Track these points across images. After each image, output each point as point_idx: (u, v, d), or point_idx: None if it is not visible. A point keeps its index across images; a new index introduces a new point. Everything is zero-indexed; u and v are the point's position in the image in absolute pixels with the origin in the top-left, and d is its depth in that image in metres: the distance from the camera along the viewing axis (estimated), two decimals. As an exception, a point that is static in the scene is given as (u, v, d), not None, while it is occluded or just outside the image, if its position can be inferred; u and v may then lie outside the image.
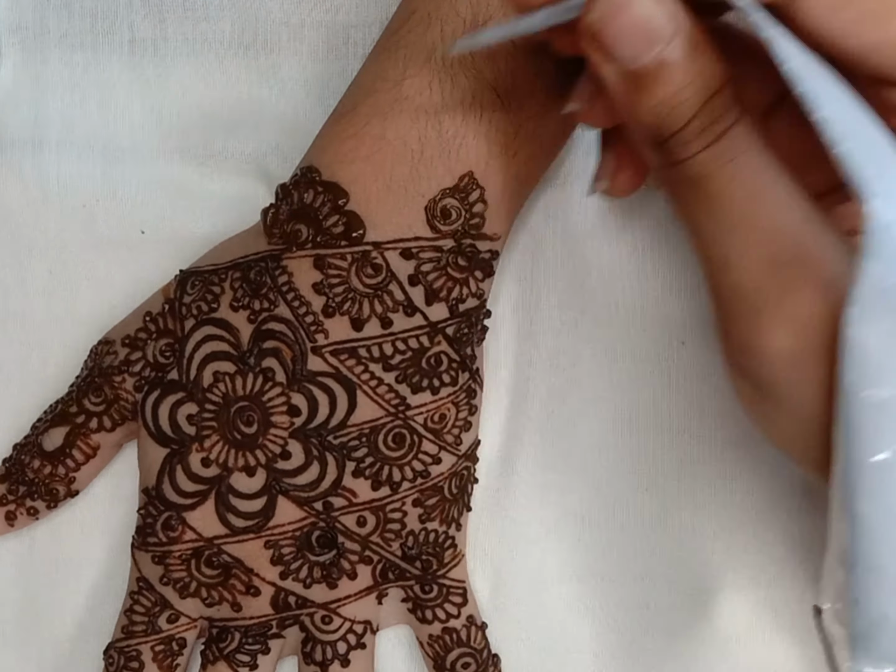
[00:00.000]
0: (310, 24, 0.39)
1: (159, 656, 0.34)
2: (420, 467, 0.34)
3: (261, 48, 0.39)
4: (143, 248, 0.38)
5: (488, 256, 0.34)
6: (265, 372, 0.33)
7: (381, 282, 0.32)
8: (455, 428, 0.34)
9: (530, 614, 0.37)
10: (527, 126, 0.33)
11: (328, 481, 0.33)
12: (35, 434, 0.36)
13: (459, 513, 0.35)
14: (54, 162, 0.38)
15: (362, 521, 0.34)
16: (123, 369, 0.35)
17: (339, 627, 0.34)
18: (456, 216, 0.33)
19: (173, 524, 0.34)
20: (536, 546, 0.37)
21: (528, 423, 0.37)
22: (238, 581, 0.34)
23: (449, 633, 0.35)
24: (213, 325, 0.34)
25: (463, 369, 0.34)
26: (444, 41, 0.32)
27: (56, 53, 0.39)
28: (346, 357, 0.33)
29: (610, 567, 0.37)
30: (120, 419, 0.35)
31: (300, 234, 0.33)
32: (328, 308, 0.32)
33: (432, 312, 0.33)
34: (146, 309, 0.35)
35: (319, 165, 0.33)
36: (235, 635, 0.34)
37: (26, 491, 0.35)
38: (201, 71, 0.39)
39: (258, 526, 0.33)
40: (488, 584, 0.37)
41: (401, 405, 0.33)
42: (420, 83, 0.32)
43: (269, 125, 0.38)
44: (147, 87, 0.39)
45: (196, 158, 0.39)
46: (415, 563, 0.34)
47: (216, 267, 0.34)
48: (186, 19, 0.39)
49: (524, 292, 0.37)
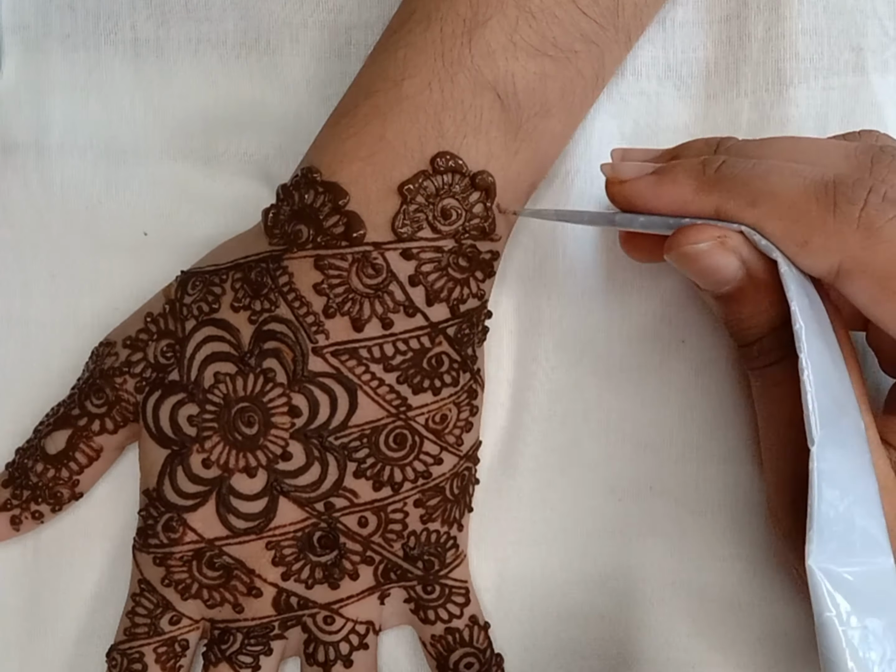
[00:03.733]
0: (312, 25, 0.38)
1: (162, 658, 0.34)
2: (421, 468, 0.34)
3: (263, 49, 0.39)
4: (145, 250, 0.38)
5: (489, 257, 0.33)
6: (266, 373, 0.33)
7: (381, 282, 0.32)
8: (456, 428, 0.34)
9: (533, 614, 0.37)
10: (527, 126, 0.33)
11: (329, 482, 0.33)
12: (38, 437, 0.36)
13: (461, 513, 0.35)
14: (57, 163, 0.38)
15: (364, 521, 0.34)
16: (124, 370, 0.35)
17: (342, 628, 0.34)
18: (456, 216, 0.32)
19: (174, 525, 0.34)
20: (539, 546, 0.37)
21: (529, 423, 0.37)
22: (239, 582, 0.34)
23: (452, 634, 0.35)
24: (213, 326, 0.34)
25: (464, 370, 0.34)
26: (444, 40, 0.32)
27: (59, 54, 0.39)
28: (346, 358, 0.33)
29: (612, 567, 0.37)
30: (122, 421, 0.35)
31: (301, 235, 0.33)
32: (329, 308, 0.32)
33: (433, 313, 0.33)
34: (147, 310, 0.35)
35: (320, 165, 0.33)
36: (237, 636, 0.34)
37: (30, 495, 0.36)
38: (204, 72, 0.39)
39: (259, 527, 0.33)
40: (491, 584, 0.37)
41: (402, 406, 0.33)
42: (420, 83, 0.32)
43: (272, 126, 0.38)
44: (149, 88, 0.39)
45: (199, 159, 0.39)
46: (417, 563, 0.34)
47: (217, 267, 0.34)
48: (189, 20, 0.39)
49: (526, 293, 0.37)
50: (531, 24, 0.32)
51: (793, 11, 0.37)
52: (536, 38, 0.32)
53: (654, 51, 0.38)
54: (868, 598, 0.25)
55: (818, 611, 0.25)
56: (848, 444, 0.27)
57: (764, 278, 0.29)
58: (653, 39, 0.37)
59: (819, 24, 0.37)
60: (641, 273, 0.37)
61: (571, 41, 0.32)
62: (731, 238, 0.29)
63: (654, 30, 0.37)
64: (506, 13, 0.32)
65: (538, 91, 0.32)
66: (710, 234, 0.29)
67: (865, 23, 0.37)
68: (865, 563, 0.26)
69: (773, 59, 0.37)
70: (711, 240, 0.29)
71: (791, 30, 0.37)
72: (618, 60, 0.35)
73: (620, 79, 0.37)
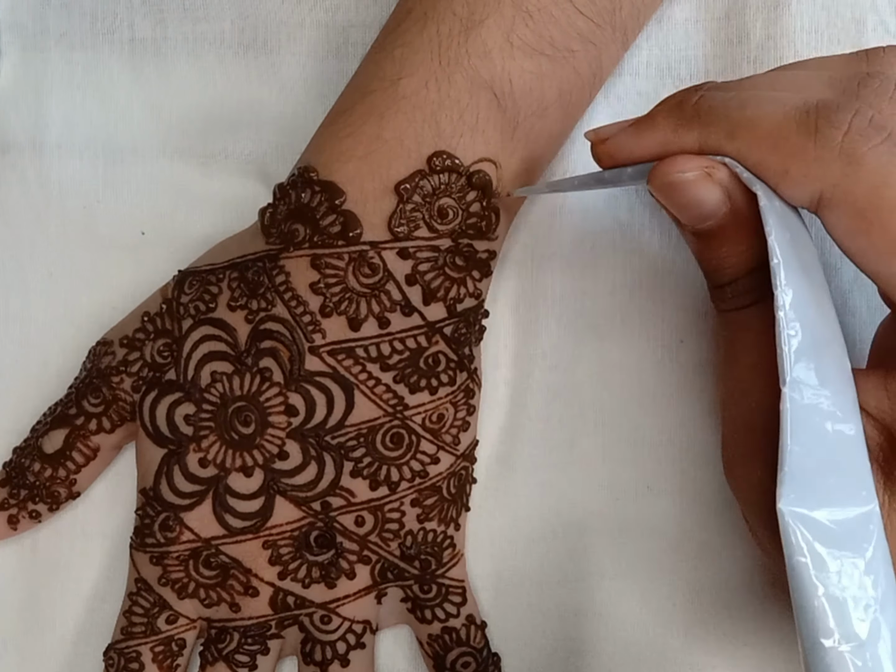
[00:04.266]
0: (309, 24, 0.38)
1: (159, 657, 0.34)
2: (418, 467, 0.34)
3: (261, 48, 0.38)
4: (143, 249, 0.38)
5: (486, 256, 0.33)
6: (262, 372, 0.33)
7: (378, 281, 0.32)
8: (453, 428, 0.34)
9: (530, 614, 0.37)
10: (524, 125, 0.33)
11: (326, 481, 0.33)
12: (35, 437, 0.36)
13: (458, 512, 0.35)
14: (54, 163, 0.38)
15: (360, 520, 0.34)
16: (121, 370, 0.35)
17: (339, 627, 0.34)
18: (453, 216, 0.32)
19: (171, 525, 0.34)
20: (536, 546, 0.37)
21: (526, 422, 0.37)
22: (236, 581, 0.34)
23: (448, 633, 0.35)
24: (210, 325, 0.34)
25: (461, 369, 0.34)
26: (441, 39, 0.32)
27: (56, 53, 0.39)
28: (343, 357, 0.33)
29: (610, 566, 0.36)
30: (119, 420, 0.35)
31: (297, 234, 0.33)
32: (325, 308, 0.32)
33: (430, 312, 0.33)
34: (144, 309, 0.35)
35: (316, 165, 0.33)
36: (234, 636, 0.34)
37: (28, 494, 0.36)
38: (201, 71, 0.39)
39: (256, 526, 0.33)
40: (488, 583, 0.37)
41: (399, 405, 0.33)
42: (416, 82, 0.32)
43: (269, 125, 0.38)
44: (147, 87, 0.39)
45: (196, 158, 0.39)
46: (413, 562, 0.34)
47: (213, 267, 0.34)
48: (186, 19, 0.39)
49: (523, 292, 0.37)
50: (528, 24, 0.32)
51: (792, 9, 0.37)
52: (533, 38, 0.32)
53: (651, 50, 0.37)
54: (843, 541, 0.24)
55: (789, 555, 0.24)
56: (830, 384, 0.26)
57: (747, 214, 0.27)
58: (651, 38, 0.37)
59: (818, 21, 0.37)
60: (640, 272, 0.37)
61: (568, 41, 0.32)
62: (718, 170, 0.27)
63: (652, 29, 0.37)
64: (502, 12, 0.32)
65: (535, 90, 0.32)
66: (698, 164, 0.27)
67: (865, 20, 0.37)
68: (842, 506, 0.24)
69: (773, 57, 0.37)
70: (698, 170, 0.27)
71: (790, 28, 0.37)
72: (615, 60, 0.35)
73: (618, 78, 0.37)
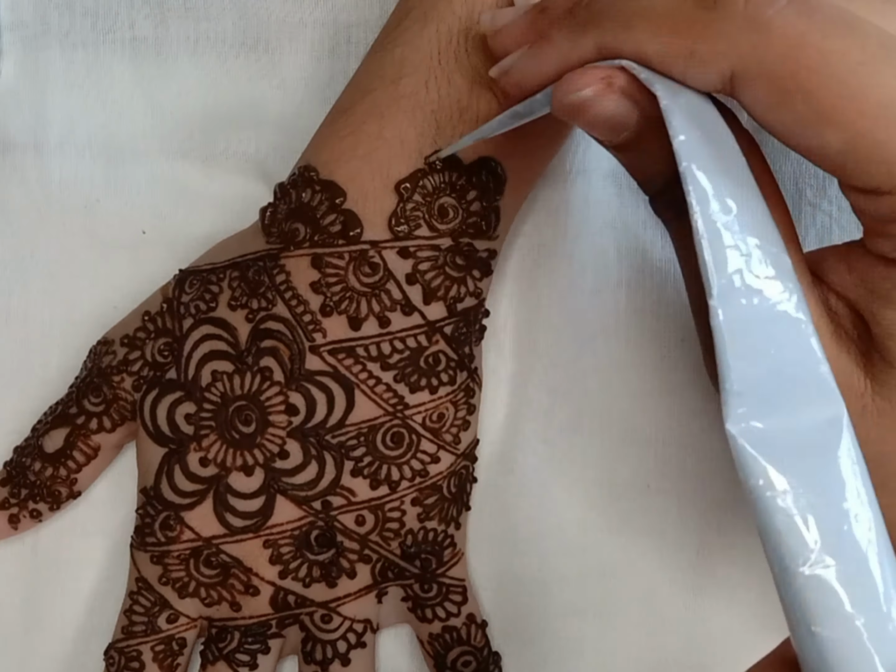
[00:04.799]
0: (311, 24, 0.38)
1: (159, 656, 0.34)
2: (419, 466, 0.34)
3: (262, 48, 0.38)
4: (144, 249, 0.38)
5: (486, 256, 0.33)
6: (263, 371, 0.33)
7: (378, 281, 0.32)
8: (454, 427, 0.34)
9: (531, 613, 0.37)
10: (525, 124, 0.33)
11: (326, 480, 0.33)
12: (35, 436, 0.36)
13: (458, 512, 0.35)
14: (55, 162, 0.38)
15: (361, 519, 0.34)
16: (122, 369, 0.35)
17: (339, 626, 0.34)
18: (453, 215, 0.32)
19: (171, 524, 0.34)
20: (537, 545, 0.37)
21: (527, 422, 0.37)
22: (237, 581, 0.34)
23: (449, 632, 0.35)
24: (211, 325, 0.34)
25: (461, 368, 0.34)
26: (440, 39, 0.32)
27: (57, 52, 0.39)
28: (343, 356, 0.33)
29: (611, 565, 0.37)
30: (120, 419, 0.35)
31: (298, 233, 0.33)
32: (326, 307, 0.32)
33: (430, 311, 0.33)
34: (145, 308, 0.35)
35: (317, 164, 0.33)
36: (235, 635, 0.34)
37: (28, 494, 0.35)
38: (202, 70, 0.39)
39: (257, 525, 0.33)
40: (489, 582, 0.37)
41: (399, 404, 0.33)
42: (416, 81, 0.32)
43: (271, 125, 0.38)
44: (148, 86, 0.39)
45: (197, 158, 0.38)
46: (414, 561, 0.34)
47: (214, 266, 0.34)
48: (187, 19, 0.39)
49: (523, 291, 0.37)
50: None
51: None
52: None
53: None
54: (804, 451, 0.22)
55: (744, 478, 0.22)
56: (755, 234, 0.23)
57: (660, 116, 0.24)
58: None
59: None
60: (641, 271, 0.37)
61: None
62: (617, 78, 0.25)
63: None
64: None
65: None
66: (593, 76, 0.25)
67: None
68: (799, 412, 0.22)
69: None
70: (595, 83, 0.25)
71: None
72: None
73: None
